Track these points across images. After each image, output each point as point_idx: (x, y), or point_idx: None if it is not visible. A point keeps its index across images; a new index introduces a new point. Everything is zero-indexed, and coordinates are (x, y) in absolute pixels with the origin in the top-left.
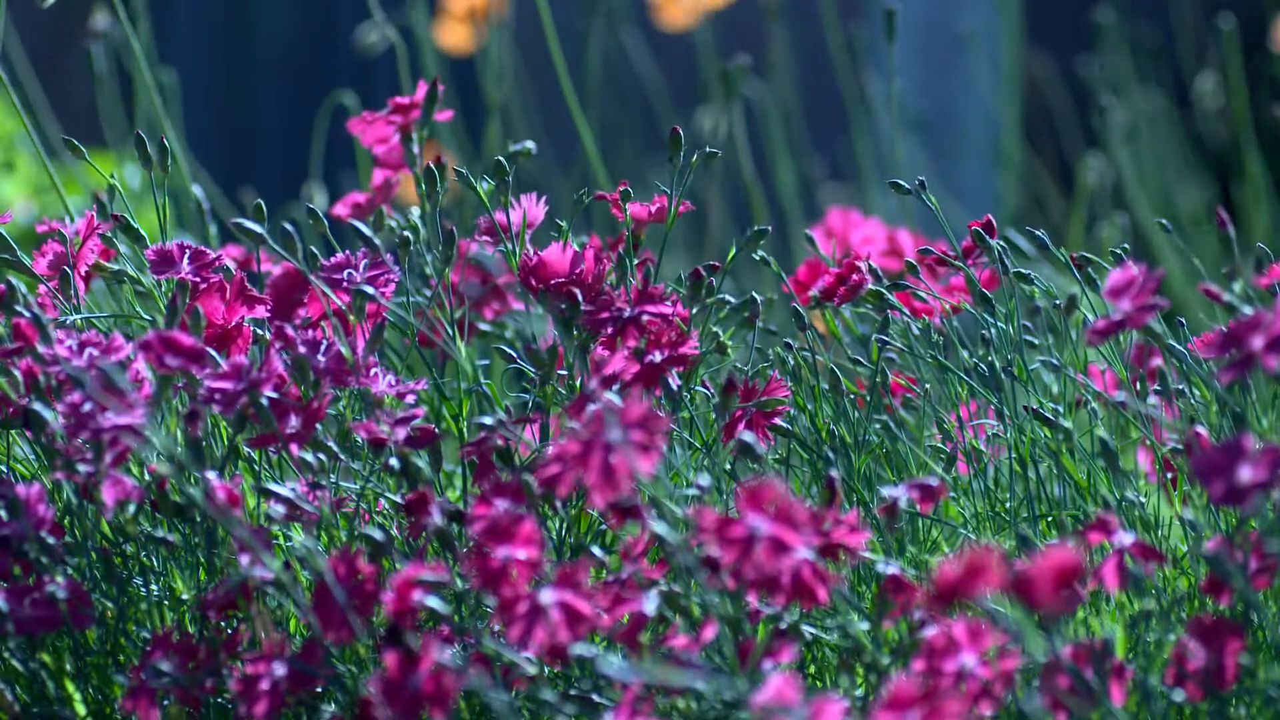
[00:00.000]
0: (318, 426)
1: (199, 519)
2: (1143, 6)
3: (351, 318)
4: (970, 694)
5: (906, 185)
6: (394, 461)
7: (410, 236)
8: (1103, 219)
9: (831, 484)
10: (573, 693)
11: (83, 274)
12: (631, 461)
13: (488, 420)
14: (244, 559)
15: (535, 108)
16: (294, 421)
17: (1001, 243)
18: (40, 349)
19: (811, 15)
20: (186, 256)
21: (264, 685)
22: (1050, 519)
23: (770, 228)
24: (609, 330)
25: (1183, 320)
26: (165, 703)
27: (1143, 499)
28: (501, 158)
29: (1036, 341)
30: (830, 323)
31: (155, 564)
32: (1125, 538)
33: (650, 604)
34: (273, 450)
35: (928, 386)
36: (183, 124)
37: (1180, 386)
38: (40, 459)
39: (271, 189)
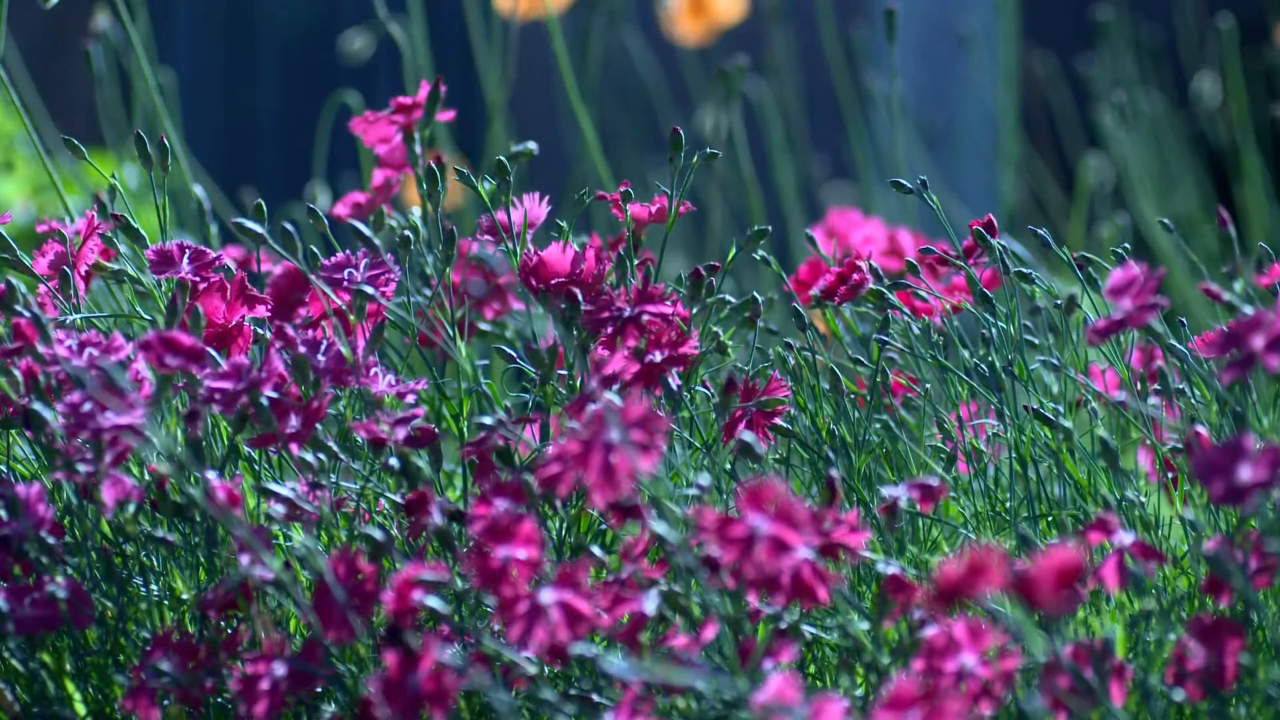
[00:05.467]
0: (318, 426)
1: (199, 519)
2: (1143, 6)
3: (352, 317)
4: (970, 694)
5: (907, 184)
6: (394, 461)
7: (410, 236)
8: (1103, 218)
9: (832, 484)
10: (573, 692)
11: (83, 274)
12: (631, 461)
13: (488, 420)
14: (244, 559)
15: (536, 107)
16: (294, 421)
17: (1002, 243)
18: (40, 349)
19: (812, 15)
20: (186, 256)
21: (264, 685)
22: (1050, 519)
23: (770, 227)
24: (609, 330)
25: (1184, 320)
26: (165, 703)
27: (1143, 499)
28: (503, 157)
29: (1037, 341)
30: (831, 322)
31: (155, 564)
32: (1125, 537)
33: (650, 604)
34: (273, 450)
35: (928, 386)
36: (183, 124)
37: (1181, 386)
38: (40, 459)
39: (271, 189)
